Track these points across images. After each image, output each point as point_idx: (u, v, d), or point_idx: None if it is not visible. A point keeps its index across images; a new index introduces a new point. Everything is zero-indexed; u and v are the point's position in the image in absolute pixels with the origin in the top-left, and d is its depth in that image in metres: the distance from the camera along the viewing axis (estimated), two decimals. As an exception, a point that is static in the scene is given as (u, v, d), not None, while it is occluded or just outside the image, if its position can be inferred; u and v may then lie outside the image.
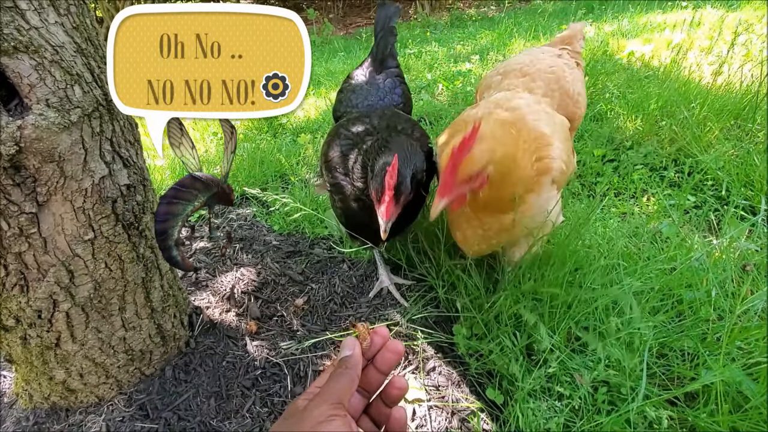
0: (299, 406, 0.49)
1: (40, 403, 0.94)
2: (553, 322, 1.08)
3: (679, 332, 1.08)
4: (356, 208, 1.10)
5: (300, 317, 1.26)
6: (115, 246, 0.79)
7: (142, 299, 0.88)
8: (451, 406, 1.03)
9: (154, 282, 0.90)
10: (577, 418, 0.95)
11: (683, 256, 1.27)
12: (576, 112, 1.24)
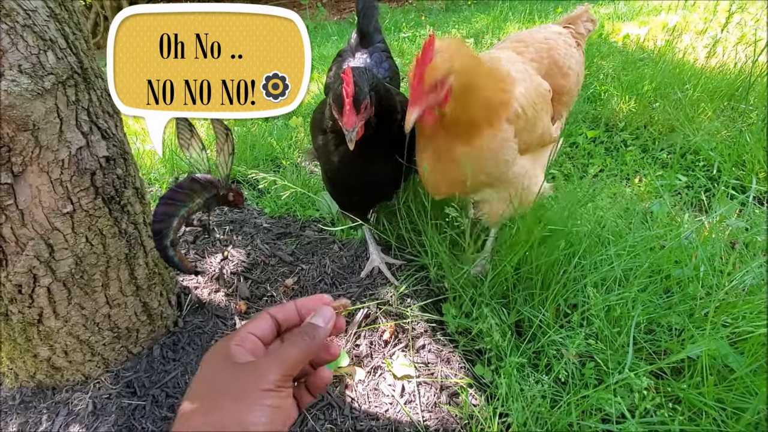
0: (235, 355, 0.44)
1: (25, 381, 0.94)
2: (542, 298, 1.09)
3: (666, 308, 1.09)
4: (337, 164, 1.09)
5: (290, 297, 1.25)
6: (95, 220, 0.78)
7: (126, 276, 0.87)
8: (440, 382, 1.04)
9: (138, 259, 0.89)
10: (564, 391, 0.96)
11: (673, 234, 1.27)
12: (564, 85, 1.23)
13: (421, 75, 0.88)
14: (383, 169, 1.12)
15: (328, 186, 1.26)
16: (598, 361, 1.01)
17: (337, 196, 1.21)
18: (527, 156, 1.15)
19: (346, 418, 0.98)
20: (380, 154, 1.07)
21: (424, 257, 1.29)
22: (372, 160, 1.06)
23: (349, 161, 1.04)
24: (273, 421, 0.43)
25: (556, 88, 1.22)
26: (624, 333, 1.00)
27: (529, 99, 1.06)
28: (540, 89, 1.13)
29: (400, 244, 1.41)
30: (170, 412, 0.93)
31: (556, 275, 1.10)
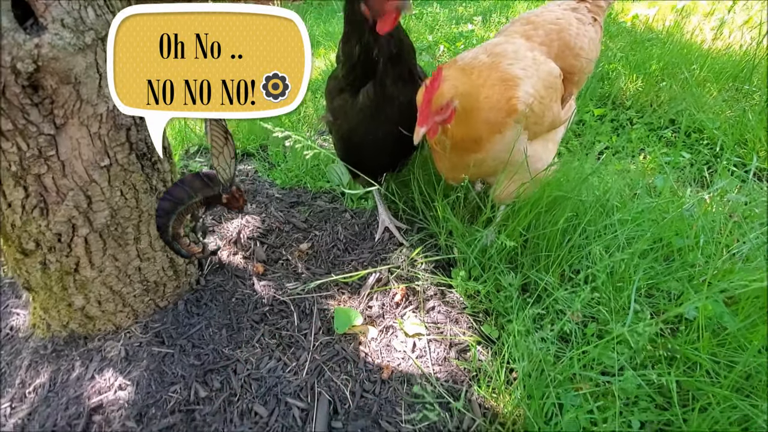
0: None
1: (57, 331, 0.99)
2: (548, 263, 1.14)
3: (666, 274, 1.14)
4: (354, 118, 1.16)
5: (304, 261, 1.30)
6: (129, 175, 0.81)
7: (155, 231, 0.91)
8: (449, 339, 1.10)
9: (167, 215, 0.93)
10: (567, 348, 1.02)
11: (675, 207, 1.31)
12: (575, 65, 1.25)
13: (429, 99, 0.98)
14: (395, 129, 1.16)
15: (341, 150, 1.30)
16: (600, 321, 1.07)
17: (351, 157, 1.26)
18: (538, 140, 1.19)
19: (360, 370, 1.04)
20: (394, 107, 1.13)
21: (433, 225, 1.34)
22: (386, 114, 1.12)
23: (366, 113, 1.12)
24: None
25: (568, 68, 1.24)
26: (625, 296, 1.05)
27: (536, 95, 1.10)
28: (549, 78, 1.15)
29: (410, 215, 1.46)
30: (197, 360, 0.98)
31: (561, 242, 1.15)
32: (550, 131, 1.22)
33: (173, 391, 0.92)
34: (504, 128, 1.07)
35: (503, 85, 1.07)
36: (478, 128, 1.07)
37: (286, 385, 1.00)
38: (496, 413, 0.96)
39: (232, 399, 0.95)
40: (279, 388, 0.99)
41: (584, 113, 1.93)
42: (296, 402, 0.97)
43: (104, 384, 0.93)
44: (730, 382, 0.86)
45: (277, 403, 0.97)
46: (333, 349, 1.09)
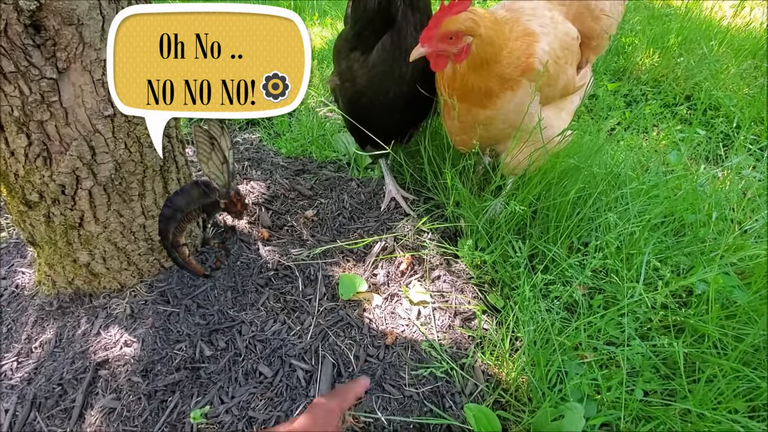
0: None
1: (63, 287, 0.99)
2: (557, 233, 1.12)
3: (676, 249, 1.13)
4: (363, 78, 1.13)
5: (309, 228, 1.29)
6: (134, 127, 0.79)
7: (160, 188, 0.90)
8: (454, 308, 1.09)
9: (171, 173, 0.92)
10: (573, 319, 1.01)
11: (689, 182, 1.29)
12: (594, 28, 1.20)
13: (439, 18, 0.90)
14: (407, 89, 1.13)
15: (348, 114, 1.27)
16: (607, 293, 1.06)
17: (358, 121, 1.23)
18: (550, 106, 1.15)
19: (364, 336, 1.04)
20: (404, 70, 1.09)
21: (440, 195, 1.32)
22: (400, 71, 1.09)
23: (378, 69, 1.08)
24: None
25: (586, 32, 1.19)
26: (634, 268, 1.04)
27: (552, 55, 1.05)
28: (565, 39, 1.10)
29: (417, 186, 1.44)
30: (202, 320, 0.98)
31: (571, 213, 1.13)
32: (564, 98, 1.18)
33: (179, 349, 0.92)
34: (516, 86, 1.03)
35: (525, 40, 1.02)
36: (490, 81, 1.01)
37: (291, 347, 1.00)
38: (500, 380, 0.96)
39: (237, 359, 0.96)
40: (283, 350, 0.99)
41: (598, 87, 1.88)
42: (300, 364, 0.97)
43: (110, 340, 0.94)
44: (739, 354, 0.86)
45: (282, 364, 0.97)
46: (337, 314, 1.08)
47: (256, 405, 0.90)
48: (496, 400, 0.93)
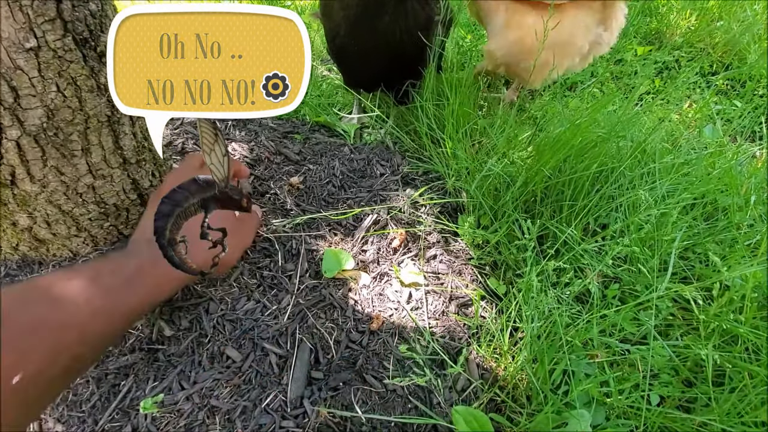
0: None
1: (9, 253, 0.88)
2: (571, 213, 0.98)
3: (707, 235, 0.99)
4: (336, 20, 1.04)
5: (294, 197, 1.16)
6: (66, 65, 0.65)
7: (110, 143, 0.76)
8: (449, 291, 0.98)
9: (124, 126, 0.78)
10: (584, 310, 0.89)
11: (724, 161, 1.13)
12: None
13: None
14: (381, 44, 1.03)
15: (328, 50, 1.16)
16: (624, 282, 0.93)
17: (336, 59, 1.11)
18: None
19: (348, 318, 0.93)
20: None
21: (440, 165, 1.17)
22: (375, 23, 1.00)
23: (349, 14, 1.00)
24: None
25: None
26: (657, 256, 0.91)
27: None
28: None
29: (418, 154, 1.30)
30: (163, 296, 0.88)
31: (590, 191, 0.99)
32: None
33: (134, 328, 0.82)
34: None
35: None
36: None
37: (265, 329, 0.89)
38: (496, 376, 0.85)
39: (202, 340, 0.85)
40: (256, 332, 0.88)
41: (626, 51, 1.69)
42: (274, 348, 0.86)
43: (59, 314, 0.83)
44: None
45: (254, 347, 0.87)
46: (320, 293, 0.97)
47: (220, 393, 0.80)
48: (491, 399, 0.82)
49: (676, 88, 1.51)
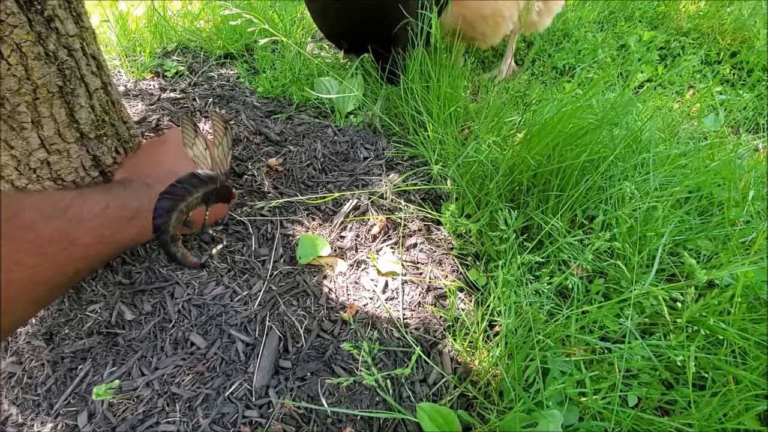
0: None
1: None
2: (557, 203, 0.94)
3: (699, 231, 0.94)
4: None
5: (273, 179, 1.12)
6: (9, 30, 0.60)
7: (63, 116, 0.72)
8: (427, 282, 0.94)
9: (79, 98, 0.73)
10: (564, 305, 0.86)
11: (724, 153, 1.08)
12: None
13: None
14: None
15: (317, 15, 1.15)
16: (609, 277, 0.89)
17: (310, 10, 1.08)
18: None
19: (320, 307, 0.90)
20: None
21: (425, 150, 1.12)
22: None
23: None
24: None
25: None
26: (645, 251, 0.87)
27: None
28: None
29: (402, 137, 1.24)
30: (125, 278, 0.84)
31: (578, 181, 0.94)
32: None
33: (91, 311, 0.79)
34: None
35: None
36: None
37: (233, 315, 0.86)
38: (470, 370, 0.82)
39: (165, 325, 0.82)
40: (223, 318, 0.85)
41: (630, 36, 1.61)
42: (241, 335, 0.83)
43: (16, 295, 0.80)
44: (761, 365, 0.70)
45: (220, 334, 0.84)
46: (293, 280, 0.94)
47: (182, 380, 0.77)
48: (462, 394, 0.79)
49: (677, 74, 1.44)
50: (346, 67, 1.64)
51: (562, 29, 1.63)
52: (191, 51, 1.81)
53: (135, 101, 1.29)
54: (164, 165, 0.78)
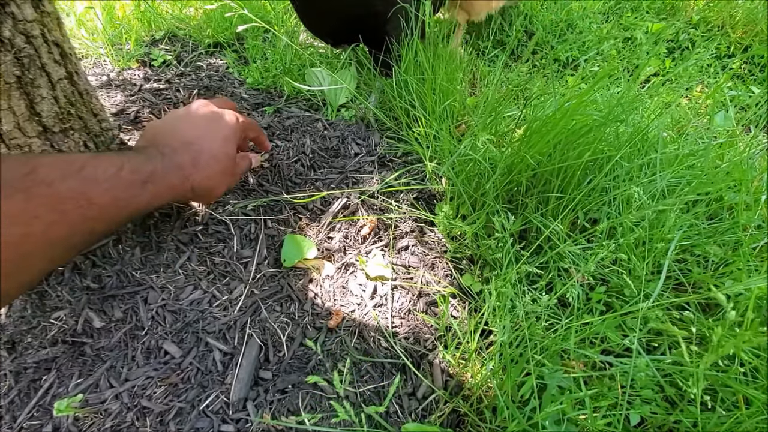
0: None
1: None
2: (558, 206, 0.88)
3: (708, 236, 0.89)
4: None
5: (258, 175, 1.06)
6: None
7: (23, 108, 0.66)
8: (418, 287, 0.89)
9: (40, 89, 0.67)
10: (563, 315, 0.80)
11: (735, 153, 1.02)
12: None
13: None
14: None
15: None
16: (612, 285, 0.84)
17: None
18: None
19: (305, 313, 0.85)
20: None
21: (419, 146, 1.06)
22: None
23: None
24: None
25: None
26: (650, 257, 0.81)
27: None
28: None
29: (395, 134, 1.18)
30: (94, 282, 0.79)
31: (580, 182, 0.89)
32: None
33: (56, 318, 0.73)
34: None
35: None
36: None
37: (211, 322, 0.81)
38: (461, 383, 0.77)
39: (137, 333, 0.77)
40: (201, 325, 0.80)
41: (637, 28, 1.54)
42: (218, 344, 0.78)
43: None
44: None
45: (196, 342, 0.79)
46: (277, 284, 0.89)
47: (154, 392, 0.72)
48: (453, 410, 0.75)
49: (685, 69, 1.37)
50: (339, 58, 1.57)
51: (566, 20, 1.56)
52: (180, 39, 1.74)
53: (115, 92, 1.23)
54: (183, 135, 0.75)
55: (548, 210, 0.87)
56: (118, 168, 0.61)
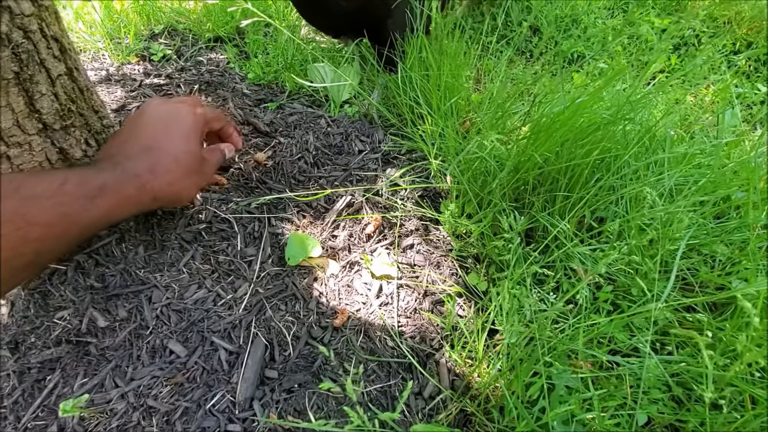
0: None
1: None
2: (565, 205, 0.88)
3: (716, 235, 0.88)
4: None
5: (261, 173, 1.05)
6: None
7: (22, 105, 0.65)
8: (424, 286, 0.88)
9: (39, 85, 0.66)
10: (572, 315, 0.80)
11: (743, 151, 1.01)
12: None
13: None
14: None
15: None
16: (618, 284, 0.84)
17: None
18: None
19: (310, 312, 0.84)
20: None
21: (424, 144, 1.05)
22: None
23: None
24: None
25: None
26: (658, 257, 0.81)
27: None
28: None
29: (400, 128, 1.17)
30: (98, 281, 0.78)
31: (588, 180, 0.88)
32: None
33: (60, 318, 0.73)
34: None
35: None
36: None
37: (216, 321, 0.80)
38: (469, 384, 0.77)
39: (142, 332, 0.76)
40: (205, 324, 0.79)
41: (641, 24, 1.53)
42: (224, 343, 0.78)
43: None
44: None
45: (202, 341, 0.78)
46: (282, 282, 0.88)
47: (159, 392, 0.72)
48: (461, 410, 0.74)
49: (694, 66, 1.36)
50: (342, 53, 1.56)
51: (571, 15, 1.54)
52: (179, 33, 1.72)
53: (115, 87, 1.21)
54: (138, 140, 0.70)
55: (555, 209, 0.87)
56: (60, 183, 0.58)
